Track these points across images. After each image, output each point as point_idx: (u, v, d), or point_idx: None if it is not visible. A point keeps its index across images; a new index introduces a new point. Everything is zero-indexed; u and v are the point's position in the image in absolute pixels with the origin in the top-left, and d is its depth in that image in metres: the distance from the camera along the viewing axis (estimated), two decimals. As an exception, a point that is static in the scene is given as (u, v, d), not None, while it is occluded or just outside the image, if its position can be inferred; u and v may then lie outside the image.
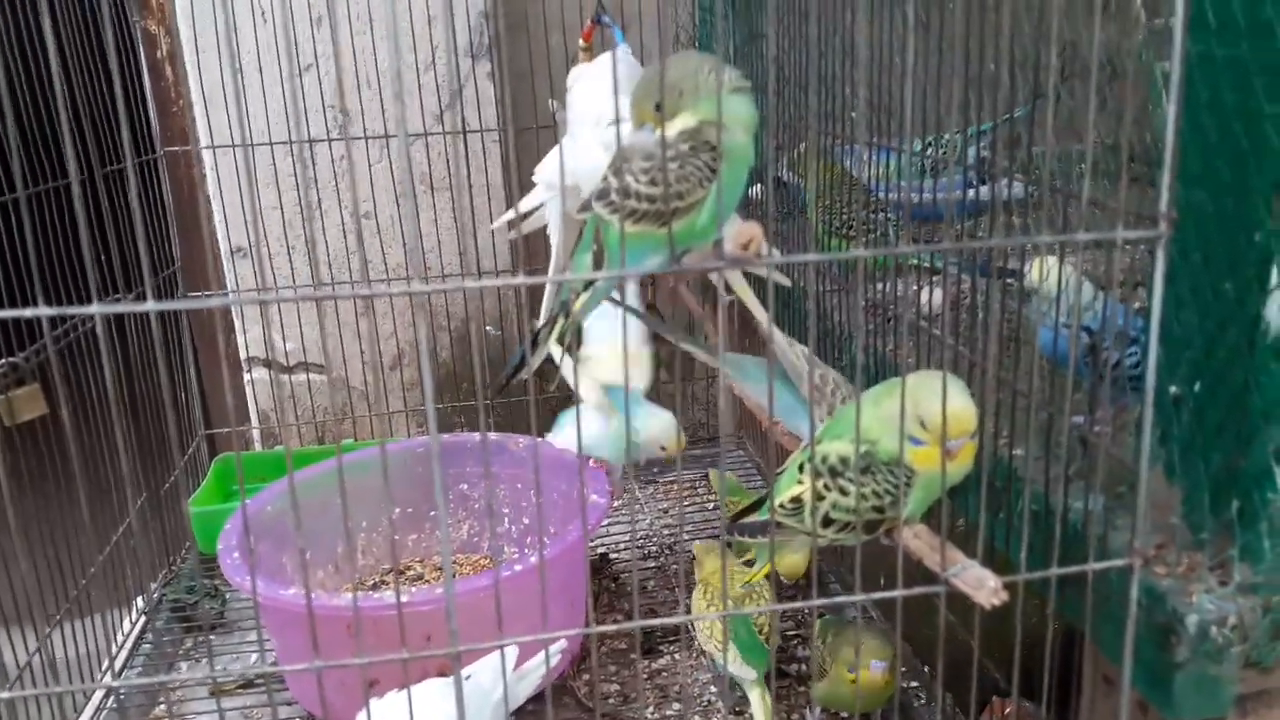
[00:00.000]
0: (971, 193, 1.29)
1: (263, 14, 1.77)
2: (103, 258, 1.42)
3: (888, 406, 0.77)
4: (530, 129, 1.84)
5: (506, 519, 1.50)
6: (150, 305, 0.64)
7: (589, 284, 0.80)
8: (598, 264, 0.79)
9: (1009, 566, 0.79)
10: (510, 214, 1.33)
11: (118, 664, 1.36)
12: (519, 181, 1.44)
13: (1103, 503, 0.84)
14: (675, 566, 1.47)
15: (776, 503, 0.86)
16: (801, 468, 0.84)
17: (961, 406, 0.75)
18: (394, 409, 1.98)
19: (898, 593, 0.72)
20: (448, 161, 1.90)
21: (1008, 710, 1.16)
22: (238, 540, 1.22)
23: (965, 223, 1.24)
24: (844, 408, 0.87)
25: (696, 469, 1.89)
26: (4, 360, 1.12)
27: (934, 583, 0.74)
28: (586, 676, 1.29)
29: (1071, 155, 0.93)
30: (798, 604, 1.23)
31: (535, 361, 0.81)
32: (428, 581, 1.46)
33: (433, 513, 1.50)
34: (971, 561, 0.73)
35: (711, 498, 1.76)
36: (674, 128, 0.75)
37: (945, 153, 1.19)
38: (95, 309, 0.64)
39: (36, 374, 1.16)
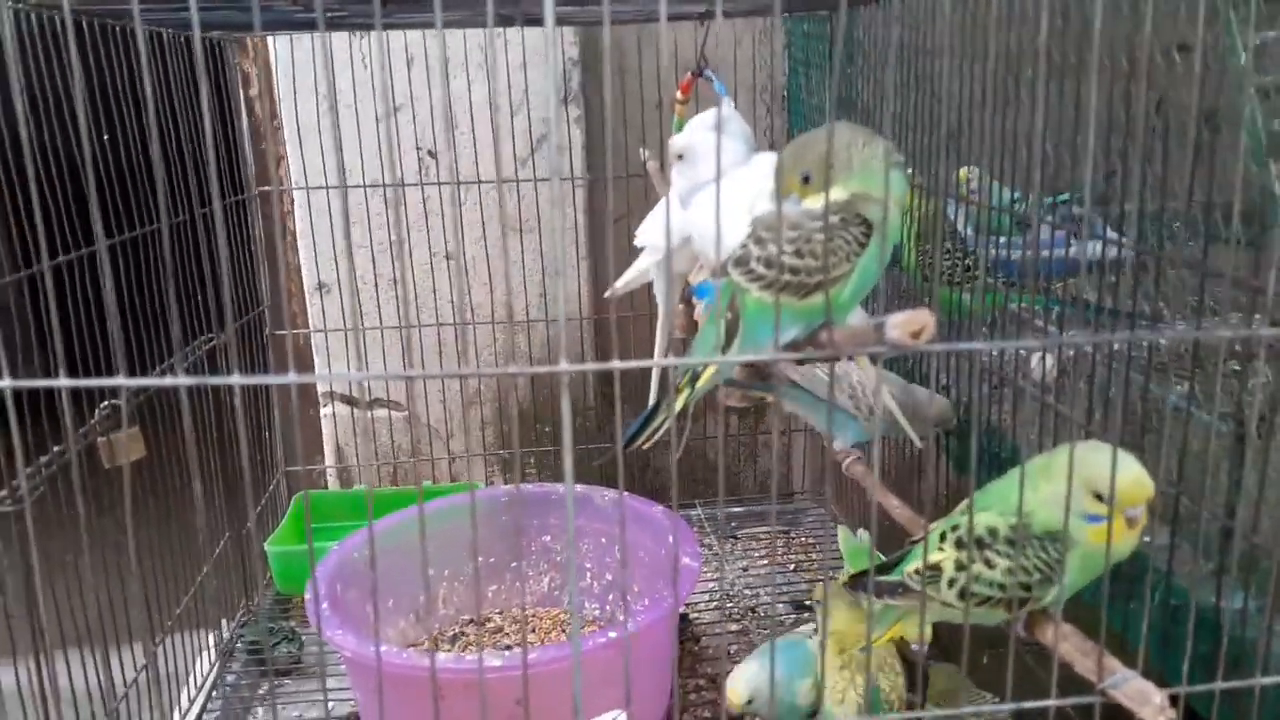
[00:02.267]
0: (1062, 252, 1.25)
1: (363, 59, 1.79)
2: (198, 298, 1.43)
3: (1047, 482, 0.73)
4: (619, 177, 1.84)
5: (589, 574, 1.47)
6: (236, 379, 0.63)
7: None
8: (730, 333, 0.76)
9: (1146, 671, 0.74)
10: (623, 280, 1.30)
11: (196, 707, 1.35)
12: (615, 241, 1.42)
13: (1256, 605, 0.79)
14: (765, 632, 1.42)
15: (910, 569, 0.82)
16: (943, 536, 0.80)
17: (1139, 473, 0.71)
18: (467, 448, 1.97)
19: (1051, 702, 0.68)
20: (536, 205, 1.90)
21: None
22: (326, 588, 1.20)
23: (1058, 282, 1.20)
24: (993, 482, 0.82)
25: (776, 526, 1.85)
26: (106, 403, 1.12)
27: (1085, 692, 0.69)
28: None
29: (1160, 217, 0.89)
30: (951, 711, 1.14)
31: (661, 429, 0.78)
32: (506, 634, 1.43)
33: (514, 563, 1.48)
34: (1131, 672, 0.68)
35: (794, 557, 1.71)
36: (822, 199, 0.72)
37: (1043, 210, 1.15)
38: (181, 381, 0.63)
39: (135, 416, 1.16)
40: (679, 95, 1.47)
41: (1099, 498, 0.72)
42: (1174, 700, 0.68)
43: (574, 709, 0.66)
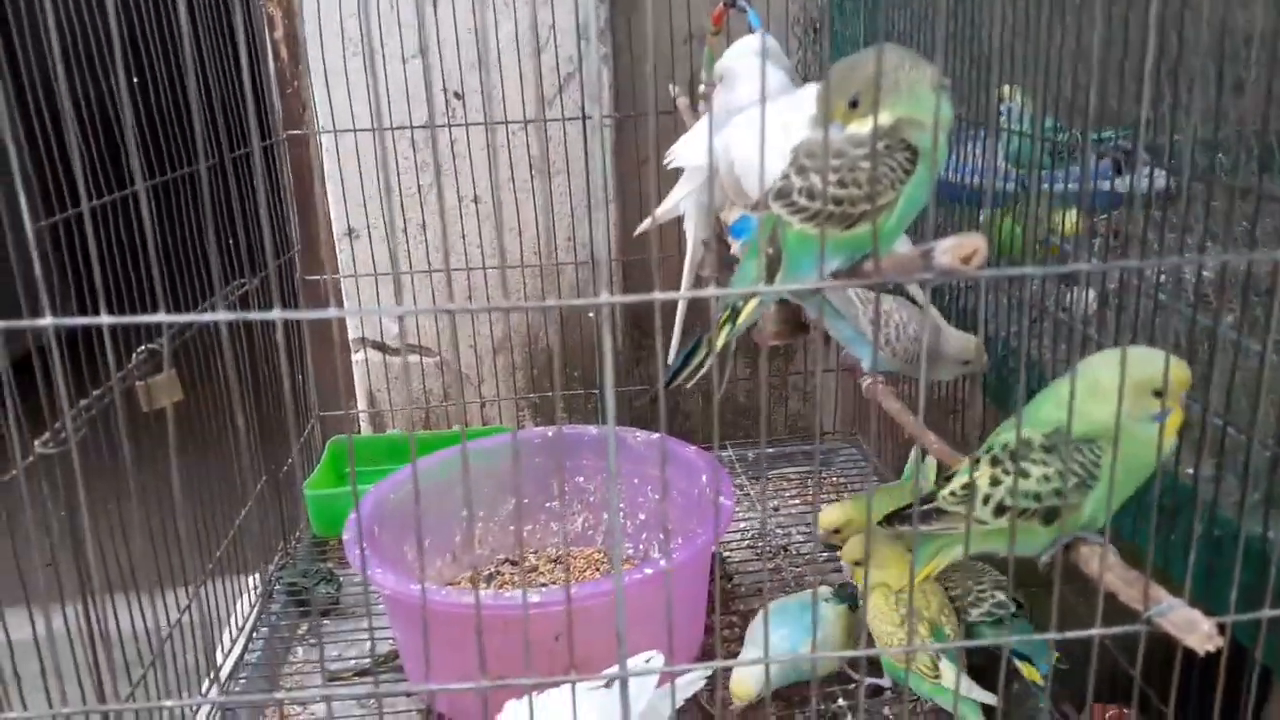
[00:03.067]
0: (1107, 184, 1.22)
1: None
2: (231, 241, 1.43)
3: (1088, 399, 0.72)
4: (644, 114, 1.81)
5: (622, 514, 1.48)
6: (276, 314, 0.62)
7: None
8: (771, 267, 0.75)
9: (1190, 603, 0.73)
10: (661, 208, 1.28)
11: (238, 648, 1.37)
12: (657, 171, 1.39)
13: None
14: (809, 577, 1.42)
15: (945, 492, 0.81)
16: (978, 461, 0.79)
17: (1177, 361, 0.70)
18: (494, 394, 1.98)
19: (1095, 631, 0.67)
20: (564, 146, 1.88)
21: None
22: (365, 530, 1.21)
23: (1101, 215, 1.17)
24: (1027, 406, 0.81)
25: (805, 464, 1.84)
26: (143, 347, 1.12)
27: (1130, 622, 0.68)
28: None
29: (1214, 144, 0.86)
30: (988, 640, 1.13)
31: (704, 368, 0.77)
32: (541, 573, 1.45)
33: (548, 504, 1.49)
34: (1177, 600, 0.67)
35: (825, 497, 1.71)
36: (868, 125, 0.70)
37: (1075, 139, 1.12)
38: (222, 316, 0.63)
39: (173, 360, 1.16)
40: (711, 27, 1.44)
41: (1158, 395, 0.71)
42: (1220, 629, 0.67)
43: (612, 643, 0.67)
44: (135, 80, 1.21)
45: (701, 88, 1.47)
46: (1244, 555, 0.75)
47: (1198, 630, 0.65)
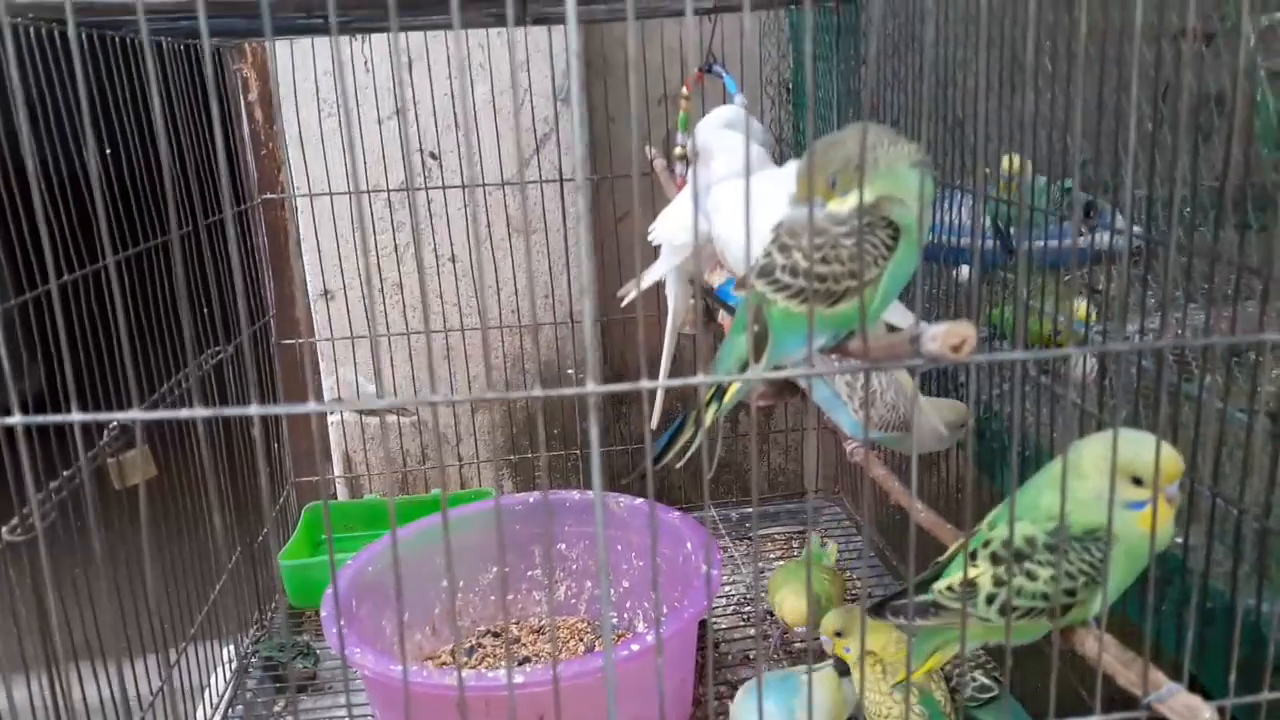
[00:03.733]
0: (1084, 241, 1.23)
1: (365, 62, 1.76)
2: (205, 309, 1.41)
3: (1078, 480, 0.71)
4: (623, 176, 1.82)
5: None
6: (254, 409, 0.61)
7: (744, 368, 0.75)
8: (758, 344, 0.74)
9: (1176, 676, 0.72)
10: (644, 281, 1.28)
11: (212, 724, 1.33)
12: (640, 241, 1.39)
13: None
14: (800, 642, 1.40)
15: (943, 586, 0.80)
16: (974, 554, 0.78)
17: (1168, 450, 0.69)
18: (472, 452, 1.96)
19: (1096, 718, 0.66)
20: (541, 206, 1.88)
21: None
22: (342, 605, 1.19)
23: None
24: (1019, 492, 0.80)
25: (790, 524, 1.83)
26: (114, 423, 1.10)
27: (1129, 707, 0.67)
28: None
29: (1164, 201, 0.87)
30: None
31: (693, 446, 0.76)
32: (524, 644, 1.42)
33: (530, 572, 1.46)
34: (1176, 685, 0.66)
35: (810, 557, 1.70)
36: (848, 203, 0.70)
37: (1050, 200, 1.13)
38: (199, 413, 0.62)
39: (145, 436, 1.14)
40: (685, 91, 1.44)
41: (1137, 482, 0.70)
42: (1221, 713, 0.66)
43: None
44: (109, 151, 1.20)
45: (677, 150, 1.48)
46: (1237, 629, 0.74)
47: (1199, 718, 0.63)
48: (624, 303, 1.32)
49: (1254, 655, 0.75)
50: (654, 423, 1.23)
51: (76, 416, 0.61)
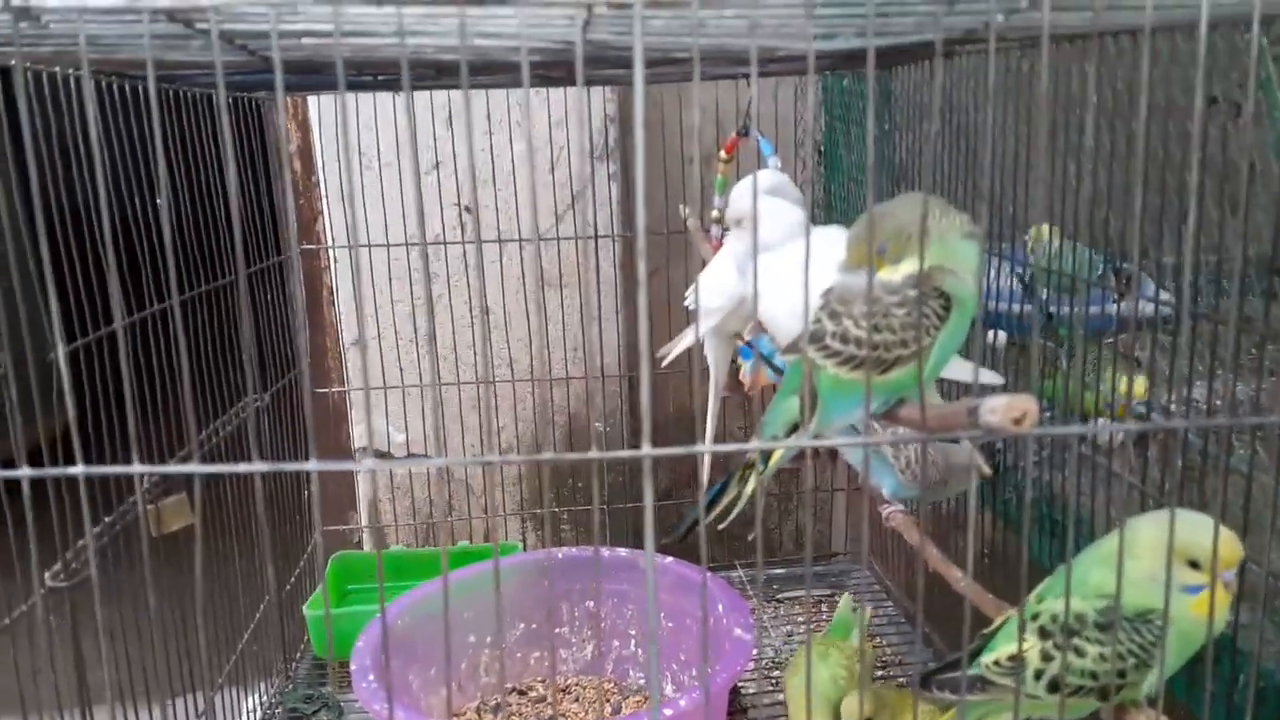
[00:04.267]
0: (1109, 308, 1.23)
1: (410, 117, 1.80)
2: (235, 359, 1.42)
3: (1132, 559, 0.70)
4: (656, 234, 1.84)
5: (633, 642, 1.44)
6: (258, 467, 0.62)
7: (790, 432, 0.75)
8: (803, 410, 0.74)
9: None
10: (680, 344, 1.29)
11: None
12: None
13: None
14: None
15: (990, 660, 0.79)
16: (1022, 627, 0.77)
17: (1228, 535, 0.68)
18: (500, 502, 1.96)
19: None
20: (575, 261, 1.90)
21: None
22: (372, 661, 1.18)
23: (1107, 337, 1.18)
24: (1068, 566, 0.79)
25: (818, 586, 1.81)
26: (155, 471, 1.10)
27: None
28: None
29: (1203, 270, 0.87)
30: None
31: (736, 508, 0.76)
32: (550, 704, 1.40)
33: (556, 630, 1.45)
34: (1235, 768, 0.64)
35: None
36: (900, 272, 0.70)
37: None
38: (195, 469, 0.63)
39: (183, 484, 1.15)
40: (722, 155, 1.46)
41: (1194, 565, 0.69)
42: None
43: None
44: (158, 200, 1.22)
45: (714, 212, 1.49)
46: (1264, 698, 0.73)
47: (1259, 802, 0.62)
48: (664, 362, 1.33)
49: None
50: (704, 475, 1.22)
51: (138, 469, 0.61)
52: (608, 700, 1.39)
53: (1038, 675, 0.74)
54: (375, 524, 1.97)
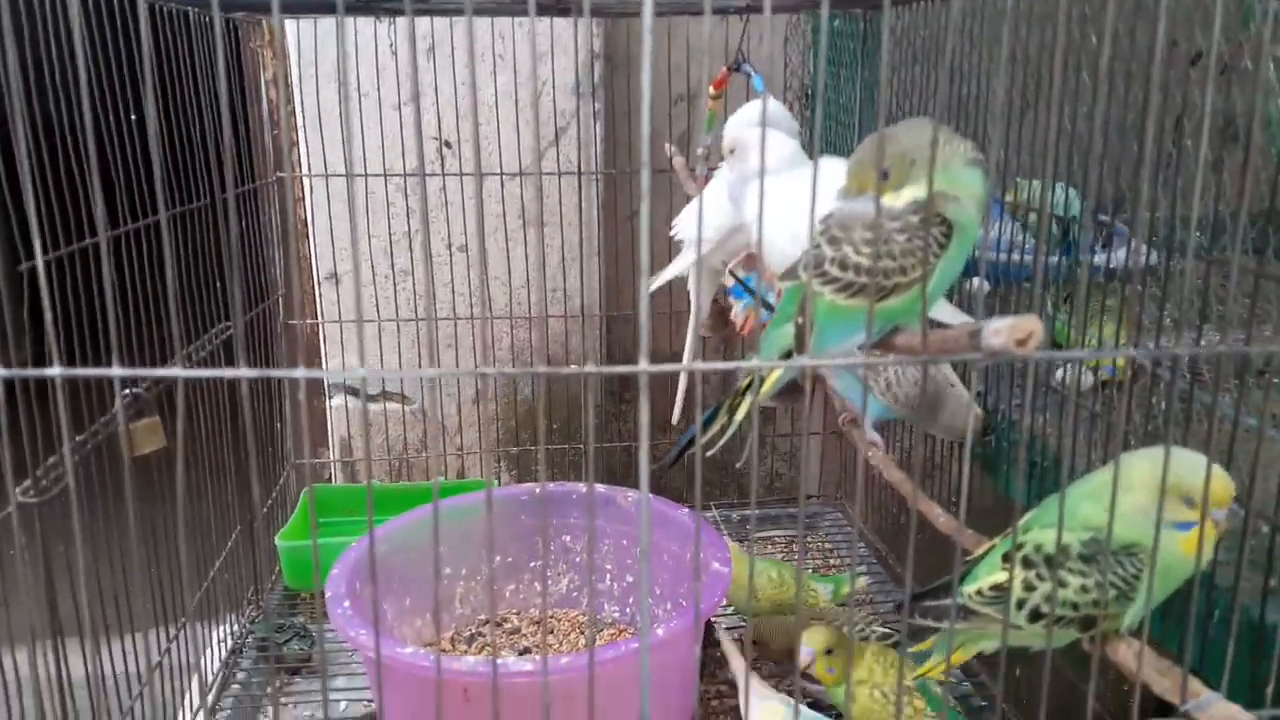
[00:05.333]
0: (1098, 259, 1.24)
1: (390, 46, 1.75)
2: (214, 284, 1.39)
3: (1124, 493, 0.71)
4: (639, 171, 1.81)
5: (609, 575, 1.44)
6: (245, 372, 0.60)
7: (785, 357, 0.75)
8: (799, 336, 0.73)
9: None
10: (665, 276, 1.27)
11: (208, 703, 1.31)
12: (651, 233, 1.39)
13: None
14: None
15: (972, 589, 0.79)
16: (1006, 556, 0.77)
17: (1222, 473, 0.69)
18: (474, 443, 1.95)
19: (1132, 725, 0.65)
20: (549, 199, 1.87)
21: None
22: (347, 588, 1.17)
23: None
24: (1054, 497, 0.80)
25: (790, 527, 1.82)
26: (128, 391, 1.08)
27: (1165, 715, 0.67)
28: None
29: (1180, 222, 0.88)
30: None
31: (726, 434, 0.75)
32: (524, 635, 1.40)
33: (533, 563, 1.45)
34: (1215, 694, 0.66)
35: (811, 561, 1.69)
36: (903, 198, 0.69)
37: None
38: (179, 372, 0.61)
39: (156, 407, 1.12)
40: (712, 90, 1.44)
41: (1188, 503, 0.70)
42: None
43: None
44: (134, 118, 1.18)
45: (700, 150, 1.47)
46: (1268, 647, 0.74)
47: (1238, 727, 0.63)
48: (649, 290, 1.31)
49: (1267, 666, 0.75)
50: (675, 416, 1.22)
51: (117, 371, 0.59)
52: (581, 633, 1.40)
53: (1019, 605, 0.75)
54: (348, 458, 1.95)
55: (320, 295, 1.89)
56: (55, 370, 0.59)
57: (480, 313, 1.88)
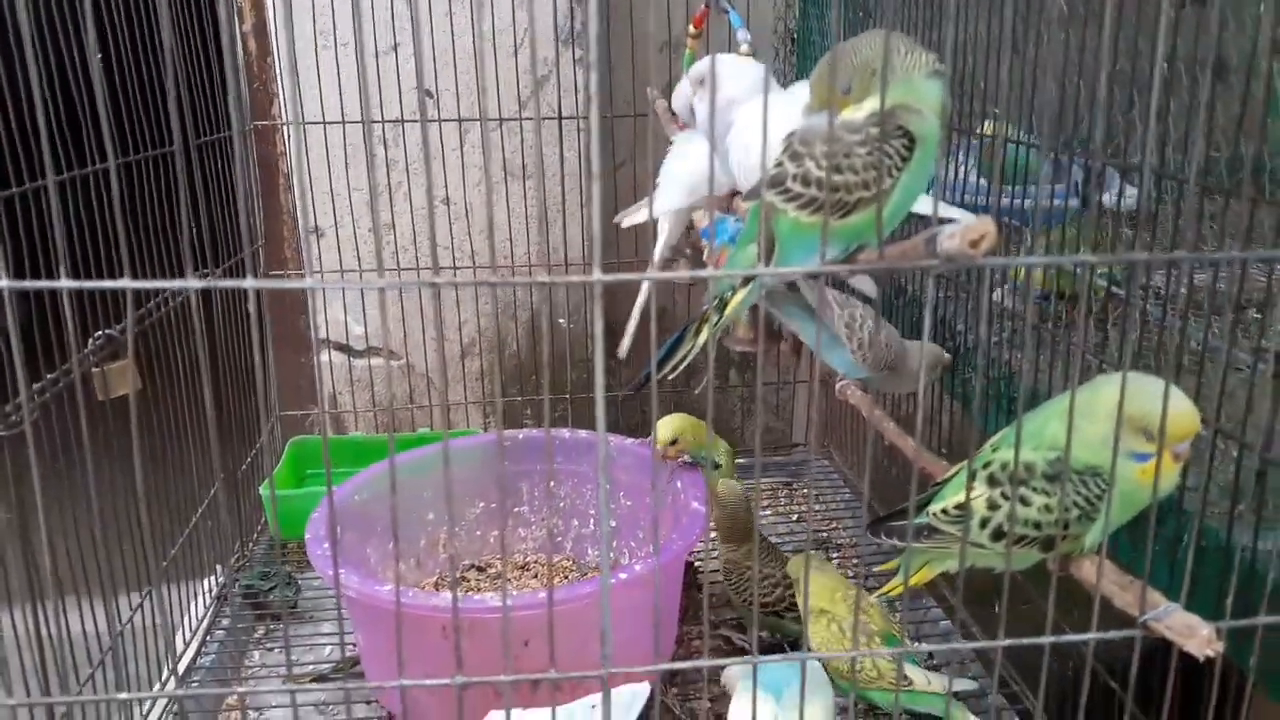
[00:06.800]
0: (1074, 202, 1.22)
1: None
2: (191, 231, 1.38)
3: (1088, 421, 0.70)
4: (625, 116, 1.79)
5: (592, 520, 1.45)
6: (250, 282, 0.59)
7: (748, 279, 0.74)
8: (765, 255, 0.73)
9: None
10: (639, 213, 1.26)
11: (191, 650, 1.32)
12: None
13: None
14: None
15: (938, 509, 0.79)
16: (973, 475, 0.77)
17: (1188, 408, 0.68)
18: (461, 398, 1.94)
19: (1091, 636, 0.65)
20: (539, 149, 1.85)
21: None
22: (326, 530, 1.17)
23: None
24: (1026, 416, 0.79)
25: (778, 475, 1.83)
26: (100, 332, 1.08)
27: (1124, 626, 0.67)
28: (676, 690, 1.24)
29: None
30: (988, 643, 1.13)
31: (688, 359, 0.75)
32: (510, 580, 1.41)
33: (517, 509, 1.45)
34: (1174, 605, 0.66)
35: (796, 508, 1.70)
36: (863, 110, 0.68)
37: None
38: (192, 283, 0.60)
39: (129, 348, 1.12)
40: (692, 29, 1.42)
41: (1147, 435, 0.69)
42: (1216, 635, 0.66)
43: (582, 653, 0.64)
44: (100, 57, 1.17)
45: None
46: (1226, 565, 0.74)
47: (1196, 635, 0.63)
48: (623, 225, 1.31)
49: (1244, 590, 0.75)
50: (626, 344, 1.21)
51: (66, 283, 0.58)
52: (565, 576, 1.40)
53: (984, 523, 0.75)
54: (335, 409, 1.95)
55: (304, 249, 1.88)
56: (65, 283, 0.58)
57: (465, 265, 1.87)
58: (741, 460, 1.87)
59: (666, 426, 1.22)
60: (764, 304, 1.09)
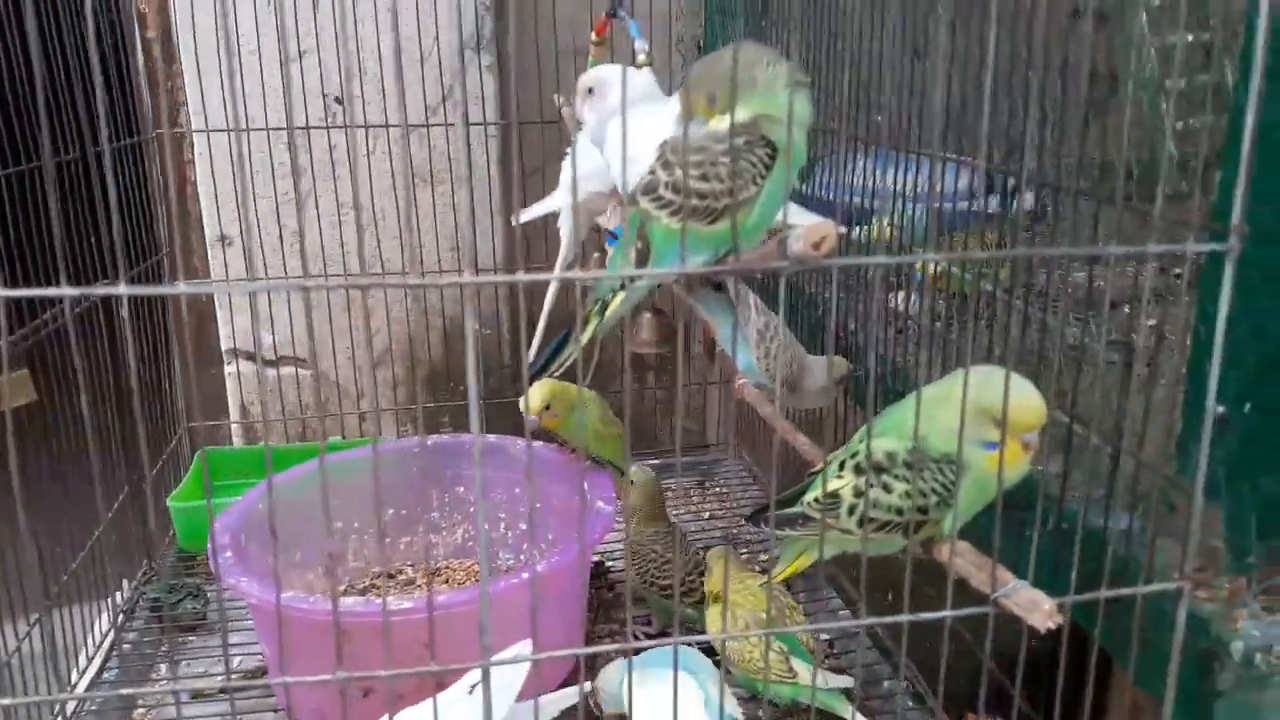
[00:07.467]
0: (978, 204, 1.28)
1: (266, 1, 1.72)
2: (88, 241, 1.37)
3: (945, 409, 0.74)
4: (533, 123, 1.81)
5: (503, 524, 1.46)
6: (123, 289, 0.60)
7: (625, 283, 0.77)
8: (641, 260, 0.76)
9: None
10: (539, 208, 1.29)
11: (94, 667, 1.30)
12: (521, 177, 1.40)
13: (1139, 524, 0.83)
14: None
15: (810, 498, 0.83)
16: (842, 465, 0.81)
17: (1035, 399, 0.72)
18: (377, 407, 1.94)
19: (947, 613, 0.69)
20: (447, 156, 1.86)
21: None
22: (230, 539, 1.17)
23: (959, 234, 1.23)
24: (892, 407, 0.83)
25: (691, 475, 1.86)
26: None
27: (980, 604, 0.71)
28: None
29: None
30: (849, 622, 1.19)
31: (569, 359, 0.77)
32: (419, 586, 1.42)
33: (427, 515, 1.46)
34: (1022, 582, 0.70)
35: (708, 506, 1.73)
36: (728, 120, 0.72)
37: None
38: (66, 291, 0.60)
39: (25, 359, 1.11)
40: (594, 37, 1.45)
41: (997, 424, 0.73)
42: (1060, 609, 0.70)
43: (480, 648, 0.66)
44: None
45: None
46: (1084, 545, 0.79)
47: (1039, 609, 0.68)
48: (519, 222, 1.33)
49: (1098, 568, 0.80)
50: (533, 352, 1.24)
51: (68, 290, 0.58)
52: (476, 581, 1.42)
53: (850, 510, 0.78)
54: (246, 419, 1.93)
55: (211, 259, 1.86)
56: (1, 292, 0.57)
57: (375, 271, 1.87)
58: (657, 461, 1.91)
59: (538, 393, 1.24)
60: (688, 298, 1.13)
